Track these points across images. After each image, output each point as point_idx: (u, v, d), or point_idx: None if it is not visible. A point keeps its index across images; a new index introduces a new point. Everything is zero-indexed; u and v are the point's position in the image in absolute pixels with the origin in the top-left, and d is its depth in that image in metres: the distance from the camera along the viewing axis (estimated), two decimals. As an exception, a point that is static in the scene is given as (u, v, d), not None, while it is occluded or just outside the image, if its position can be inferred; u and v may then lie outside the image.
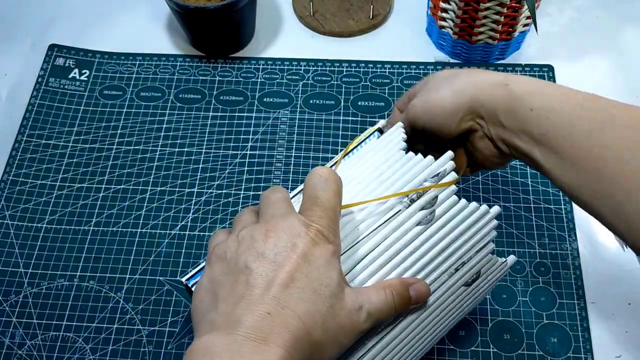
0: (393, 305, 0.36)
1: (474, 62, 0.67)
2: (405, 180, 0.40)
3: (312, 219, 0.35)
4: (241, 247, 0.35)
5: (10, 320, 0.54)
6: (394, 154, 0.42)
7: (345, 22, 0.71)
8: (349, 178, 0.42)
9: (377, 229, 0.39)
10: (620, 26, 0.70)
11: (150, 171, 0.62)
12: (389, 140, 0.44)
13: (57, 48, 0.70)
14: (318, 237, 0.34)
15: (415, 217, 0.39)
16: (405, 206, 0.39)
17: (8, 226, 0.59)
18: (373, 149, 0.44)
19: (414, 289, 0.37)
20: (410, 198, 0.39)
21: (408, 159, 0.41)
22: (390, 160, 0.42)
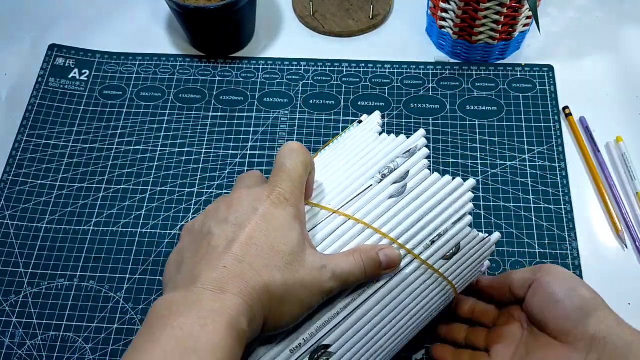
0: (362, 267, 0.37)
1: (474, 62, 0.67)
2: (378, 158, 0.42)
3: (276, 184, 0.37)
4: (207, 218, 0.37)
5: (10, 320, 0.54)
6: (368, 137, 0.44)
7: (345, 22, 0.71)
8: (326, 162, 0.43)
9: (349, 203, 0.40)
10: (620, 26, 0.70)
11: (150, 171, 0.62)
12: (366, 126, 0.45)
13: (57, 48, 0.70)
14: (279, 199, 0.36)
15: (387, 191, 0.40)
16: (377, 181, 0.40)
17: (8, 226, 0.59)
18: (350, 136, 0.46)
19: (384, 253, 0.38)
20: (382, 174, 0.41)
21: (381, 140, 0.43)
22: (365, 143, 0.43)
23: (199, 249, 0.35)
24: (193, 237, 0.37)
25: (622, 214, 0.57)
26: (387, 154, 0.42)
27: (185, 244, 0.37)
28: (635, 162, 0.59)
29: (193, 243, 0.36)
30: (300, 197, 0.37)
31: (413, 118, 0.64)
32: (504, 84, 0.65)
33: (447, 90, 0.65)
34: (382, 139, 0.43)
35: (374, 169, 0.41)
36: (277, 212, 0.36)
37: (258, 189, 0.37)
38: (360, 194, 0.40)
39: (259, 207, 0.36)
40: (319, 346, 0.38)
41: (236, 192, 0.37)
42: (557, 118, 0.63)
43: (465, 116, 0.64)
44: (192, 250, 0.36)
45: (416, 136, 0.43)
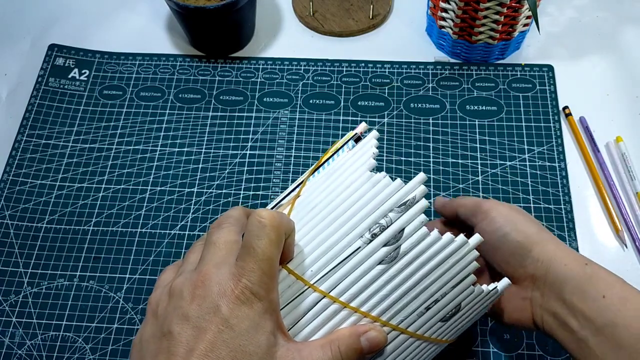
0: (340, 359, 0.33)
1: (474, 62, 0.67)
2: (369, 209, 0.36)
3: (243, 272, 0.32)
4: (170, 305, 0.33)
5: (10, 320, 0.54)
6: (360, 175, 0.37)
7: (345, 22, 0.71)
8: (311, 203, 0.38)
9: (330, 272, 0.35)
10: (620, 26, 0.70)
11: (150, 171, 0.62)
12: (359, 157, 0.39)
13: (57, 48, 0.70)
14: (245, 295, 0.32)
15: (376, 255, 0.35)
16: (365, 242, 0.35)
17: (8, 226, 0.59)
18: (341, 167, 0.39)
19: (367, 337, 0.34)
20: (372, 232, 0.35)
21: (374, 182, 0.36)
22: (356, 184, 0.37)
23: (157, 352, 0.32)
24: (155, 329, 0.34)
25: (622, 213, 0.57)
26: (379, 205, 0.36)
27: (146, 334, 0.34)
28: (635, 162, 0.59)
29: (154, 338, 0.33)
30: (271, 286, 0.33)
31: (413, 118, 0.64)
32: (503, 84, 0.65)
33: (447, 90, 0.65)
34: (375, 180, 0.36)
35: (363, 225, 0.35)
36: (243, 311, 0.32)
37: (225, 273, 0.33)
38: (346, 259, 0.35)
39: (222, 306, 0.31)
40: None
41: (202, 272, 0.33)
42: (557, 118, 0.63)
43: (465, 116, 0.64)
44: (152, 349, 0.33)
45: (414, 183, 0.36)
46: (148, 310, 0.35)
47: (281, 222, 0.34)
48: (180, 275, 0.34)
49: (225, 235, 0.35)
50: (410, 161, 0.61)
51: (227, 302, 0.32)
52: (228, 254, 0.34)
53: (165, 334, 0.32)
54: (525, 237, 0.41)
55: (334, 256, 0.35)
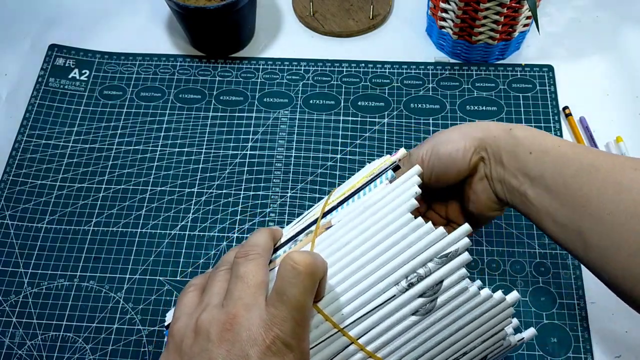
0: None
1: (474, 62, 0.67)
2: (406, 255, 0.34)
3: (275, 320, 0.31)
4: (195, 345, 0.32)
5: (10, 320, 0.54)
6: (399, 216, 0.35)
7: (345, 22, 0.71)
8: (343, 238, 0.36)
9: (361, 318, 0.33)
10: (620, 26, 0.70)
11: (150, 171, 0.62)
12: (399, 194, 0.37)
13: (57, 48, 0.70)
14: (276, 345, 0.31)
15: (411, 306, 0.33)
16: (401, 290, 0.34)
17: (8, 226, 0.59)
18: (378, 202, 0.37)
19: None
20: (410, 282, 0.34)
21: (415, 227, 0.35)
22: (394, 225, 0.35)
23: None
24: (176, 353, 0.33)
25: (622, 214, 0.57)
26: (419, 253, 0.34)
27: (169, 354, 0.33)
28: (635, 162, 0.59)
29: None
30: (303, 335, 0.32)
31: (413, 118, 0.64)
32: (504, 84, 0.65)
33: (447, 90, 0.65)
34: (415, 225, 0.34)
35: (400, 272, 0.34)
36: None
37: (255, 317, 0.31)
38: (379, 307, 0.33)
39: (252, 356, 0.30)
40: None
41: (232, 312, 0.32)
42: (557, 118, 0.63)
43: (465, 116, 0.64)
44: None
45: (458, 234, 0.34)
46: (171, 343, 0.34)
47: (316, 268, 0.32)
48: (205, 311, 0.33)
49: (253, 269, 0.34)
50: (410, 161, 0.61)
51: (257, 351, 0.30)
52: (257, 293, 0.33)
53: None
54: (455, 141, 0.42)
55: (367, 301, 0.34)
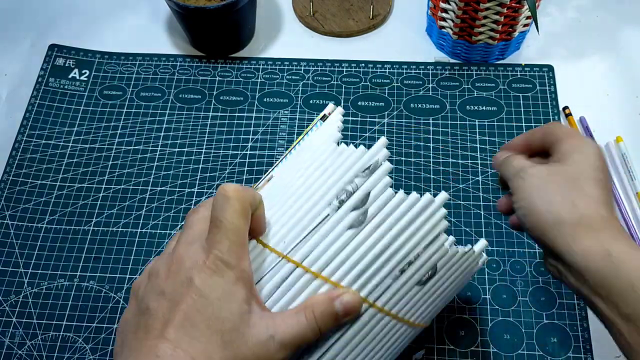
0: (315, 327, 0.34)
1: (474, 62, 0.67)
2: (335, 178, 0.36)
3: (212, 244, 0.33)
4: (148, 285, 0.35)
5: (10, 320, 0.54)
6: (326, 148, 0.38)
7: (345, 22, 0.71)
8: (282, 182, 0.39)
9: (302, 241, 0.35)
10: (620, 26, 0.70)
11: (150, 171, 0.62)
12: (324, 132, 0.40)
13: (57, 48, 0.70)
14: (216, 264, 0.33)
15: (345, 221, 0.35)
16: (334, 209, 0.36)
17: (8, 226, 0.59)
18: (309, 145, 0.40)
19: (340, 301, 0.34)
20: (340, 199, 0.36)
21: (339, 152, 0.37)
22: (322, 156, 0.38)
23: (137, 330, 0.33)
24: (135, 309, 0.35)
25: (622, 214, 0.57)
26: (344, 172, 0.36)
27: (129, 314, 0.35)
28: (635, 162, 0.59)
29: (134, 317, 0.34)
30: (241, 255, 0.34)
31: (413, 118, 0.64)
32: (504, 84, 0.65)
33: (447, 90, 0.65)
34: (339, 151, 0.37)
35: (330, 193, 0.36)
36: (215, 281, 0.33)
37: (197, 248, 0.34)
38: (316, 228, 0.35)
39: (195, 278, 0.33)
40: None
41: (176, 252, 0.35)
42: (557, 118, 0.63)
43: (465, 116, 0.64)
44: (132, 328, 0.34)
45: (376, 147, 0.36)
46: (131, 294, 0.37)
47: (245, 194, 0.35)
48: (158, 259, 0.36)
49: (198, 216, 0.36)
50: (410, 161, 0.61)
51: (199, 273, 0.33)
52: (201, 232, 0.35)
53: (144, 310, 0.33)
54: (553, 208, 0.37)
55: (305, 226, 0.36)
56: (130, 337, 0.34)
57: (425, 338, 0.51)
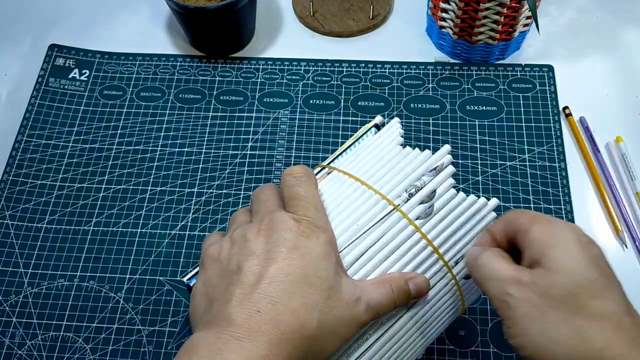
0: (393, 299, 0.36)
1: (474, 62, 0.67)
2: (403, 175, 0.40)
3: (299, 213, 0.35)
4: (234, 248, 0.35)
5: (10, 320, 0.54)
6: (391, 150, 0.42)
7: (345, 22, 0.71)
8: (342, 179, 0.41)
9: (376, 224, 0.38)
10: (620, 26, 0.70)
11: (150, 171, 0.62)
12: (387, 136, 0.44)
13: (57, 48, 0.70)
14: (310, 228, 0.35)
15: (414, 212, 0.39)
16: (403, 200, 0.39)
17: (8, 226, 0.59)
18: (370, 146, 0.43)
19: (414, 282, 0.37)
20: (409, 193, 0.39)
21: (405, 154, 0.42)
22: (389, 155, 0.42)
23: (227, 286, 0.33)
24: (220, 270, 0.35)
25: (622, 214, 0.57)
26: (413, 171, 0.40)
27: (210, 277, 0.35)
28: (635, 162, 0.59)
29: (221, 277, 0.35)
30: (327, 220, 0.36)
31: (413, 118, 0.64)
32: (504, 84, 0.65)
33: (447, 90, 0.65)
34: (405, 152, 0.42)
35: (400, 187, 0.40)
36: (311, 242, 0.34)
37: (284, 215, 0.35)
38: (388, 214, 0.39)
39: (290, 237, 0.34)
40: None
41: (263, 219, 0.36)
42: (557, 118, 0.63)
43: (465, 116, 0.64)
44: (222, 286, 0.34)
45: (442, 152, 0.41)
46: (205, 259, 0.37)
47: (310, 171, 0.38)
48: (237, 229, 0.36)
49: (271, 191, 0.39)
50: (410, 161, 0.61)
51: (294, 235, 0.34)
52: (280, 204, 0.37)
53: (234, 270, 0.34)
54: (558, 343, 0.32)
55: (378, 212, 0.39)
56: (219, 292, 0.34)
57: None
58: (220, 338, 0.31)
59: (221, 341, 0.31)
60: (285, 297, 0.32)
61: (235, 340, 0.31)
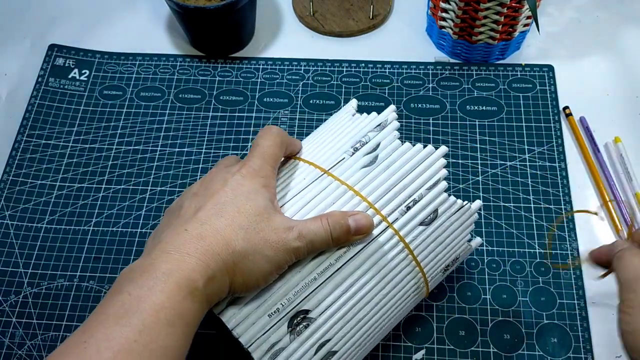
0: (328, 230, 0.38)
1: (474, 62, 0.67)
2: (351, 135, 0.44)
3: (248, 160, 0.40)
4: (182, 197, 0.40)
5: (10, 320, 0.54)
6: (343, 118, 0.47)
7: (345, 22, 0.71)
8: (310, 142, 0.46)
9: (323, 175, 0.42)
10: (620, 26, 0.70)
11: (150, 171, 0.62)
12: (343, 112, 0.48)
13: (57, 48, 0.70)
14: (249, 171, 0.39)
15: (359, 162, 0.42)
16: (349, 154, 0.43)
17: (8, 226, 0.59)
18: (329, 123, 0.48)
19: (354, 219, 0.39)
20: (354, 147, 0.43)
21: (355, 119, 0.46)
22: (340, 123, 0.47)
23: (170, 221, 0.38)
24: (169, 214, 0.40)
25: (622, 213, 0.57)
26: (359, 130, 0.44)
27: (162, 222, 0.40)
28: (634, 162, 0.59)
29: (167, 217, 0.39)
30: (270, 173, 0.40)
31: (413, 118, 0.64)
32: (504, 84, 0.65)
33: (447, 90, 0.65)
34: (355, 118, 0.46)
35: (347, 145, 0.43)
36: (246, 181, 0.38)
37: (231, 166, 0.40)
38: (334, 167, 0.42)
39: (229, 179, 0.38)
40: (299, 311, 0.38)
41: (211, 171, 0.41)
42: (557, 118, 0.63)
43: (465, 116, 0.64)
44: (165, 223, 0.38)
45: (386, 111, 0.45)
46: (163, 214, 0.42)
47: (285, 134, 0.42)
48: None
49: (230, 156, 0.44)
50: (410, 161, 0.61)
51: (233, 176, 0.38)
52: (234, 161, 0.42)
53: (177, 209, 0.39)
54: None
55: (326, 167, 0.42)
56: (161, 228, 0.38)
57: (425, 338, 0.51)
58: (151, 255, 0.34)
59: (152, 257, 0.34)
60: (212, 219, 0.36)
61: (165, 254, 0.34)
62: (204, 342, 0.52)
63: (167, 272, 0.33)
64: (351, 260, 0.40)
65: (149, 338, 0.31)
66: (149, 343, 0.31)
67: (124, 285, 0.33)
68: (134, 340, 0.31)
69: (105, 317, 0.32)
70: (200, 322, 0.35)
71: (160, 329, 0.32)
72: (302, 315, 0.38)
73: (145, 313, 0.32)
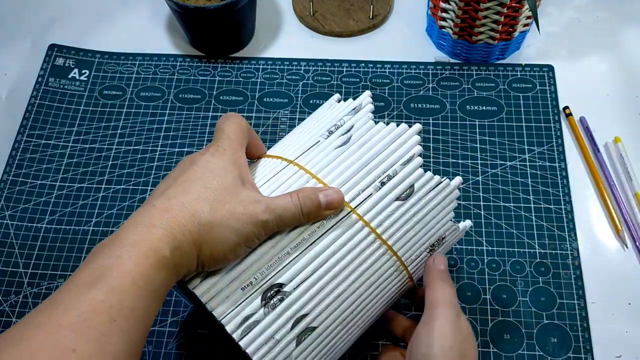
0: (298, 205, 0.39)
1: (474, 62, 0.67)
2: (327, 120, 0.45)
3: (214, 142, 0.41)
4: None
5: (10, 321, 0.54)
6: (323, 107, 0.48)
7: (345, 22, 0.71)
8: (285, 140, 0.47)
9: (298, 158, 0.43)
10: (620, 26, 0.70)
11: (150, 171, 0.62)
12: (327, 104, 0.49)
13: (57, 48, 0.70)
14: (218, 150, 0.40)
15: (333, 144, 0.43)
16: (324, 137, 0.44)
17: (8, 226, 0.59)
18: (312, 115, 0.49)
19: (324, 193, 0.39)
20: (329, 131, 0.44)
21: (333, 106, 0.47)
22: (319, 112, 0.48)
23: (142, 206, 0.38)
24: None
25: (623, 213, 0.57)
26: (335, 116, 0.45)
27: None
28: (634, 162, 0.59)
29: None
30: (238, 150, 0.41)
31: (413, 118, 0.64)
32: (504, 84, 0.65)
33: (447, 90, 0.65)
34: (333, 107, 0.47)
35: (323, 129, 0.44)
36: (214, 159, 0.39)
37: (202, 151, 0.41)
38: (309, 149, 0.43)
39: (198, 159, 0.39)
40: (272, 285, 0.38)
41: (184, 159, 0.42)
42: (557, 118, 0.63)
43: (465, 116, 0.64)
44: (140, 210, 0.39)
45: (362, 96, 0.46)
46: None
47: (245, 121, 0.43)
48: None
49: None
50: (410, 161, 0.61)
51: (202, 156, 0.39)
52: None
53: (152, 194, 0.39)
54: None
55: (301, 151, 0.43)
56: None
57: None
58: (120, 230, 0.35)
59: (120, 231, 0.35)
60: (179, 194, 0.37)
61: (132, 227, 0.35)
62: (204, 342, 0.52)
63: (134, 242, 0.34)
64: (325, 235, 0.40)
65: (117, 299, 0.32)
66: (117, 304, 0.32)
67: (93, 257, 0.34)
68: (101, 300, 0.32)
69: (75, 285, 0.33)
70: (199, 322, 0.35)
71: (127, 290, 0.33)
72: (276, 289, 0.38)
73: (112, 278, 0.33)
